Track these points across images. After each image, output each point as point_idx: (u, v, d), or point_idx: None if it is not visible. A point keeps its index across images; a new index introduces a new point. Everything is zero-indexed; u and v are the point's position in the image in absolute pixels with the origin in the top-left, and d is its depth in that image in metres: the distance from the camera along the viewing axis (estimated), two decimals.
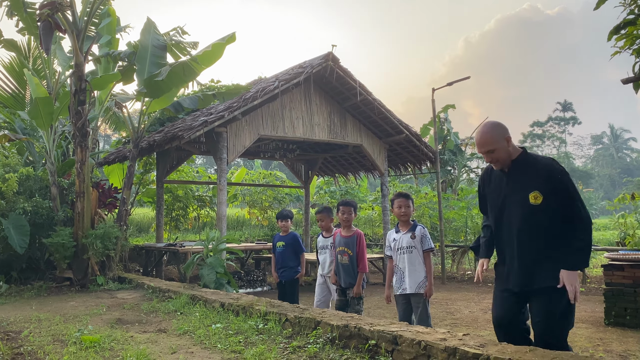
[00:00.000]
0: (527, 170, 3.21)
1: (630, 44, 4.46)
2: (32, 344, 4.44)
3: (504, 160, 3.24)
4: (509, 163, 3.26)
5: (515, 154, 3.25)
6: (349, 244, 5.25)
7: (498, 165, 3.30)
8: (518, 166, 3.24)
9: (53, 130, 9.62)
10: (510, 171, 3.27)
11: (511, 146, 3.25)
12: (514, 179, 3.25)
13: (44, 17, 8.20)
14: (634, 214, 8.97)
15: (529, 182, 3.17)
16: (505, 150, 3.21)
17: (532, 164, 3.22)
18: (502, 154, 3.22)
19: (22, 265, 9.06)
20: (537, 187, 3.13)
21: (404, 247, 4.68)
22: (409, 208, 4.70)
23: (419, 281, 4.60)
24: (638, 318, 6.01)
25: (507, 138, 3.22)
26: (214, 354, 4.01)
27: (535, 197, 3.12)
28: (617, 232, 12.50)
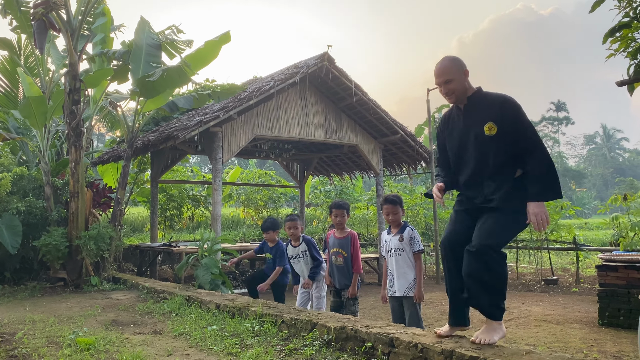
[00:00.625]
0: (481, 104, 3.26)
1: (625, 46, 4.49)
2: (27, 346, 4.41)
3: (459, 92, 3.28)
4: (464, 99, 3.30)
5: (470, 91, 3.30)
6: (343, 245, 5.23)
7: (453, 98, 3.32)
8: (473, 102, 3.29)
9: (47, 129, 9.56)
10: (466, 107, 3.32)
11: (468, 82, 3.30)
12: (469, 115, 3.30)
13: (38, 16, 8.14)
14: (627, 214, 9.01)
15: (483, 115, 3.21)
16: (462, 83, 3.26)
17: (486, 98, 3.27)
18: (458, 86, 3.26)
19: (16, 265, 9.00)
20: (491, 118, 3.17)
21: (393, 250, 4.67)
22: (397, 215, 4.66)
23: (408, 284, 4.58)
24: (631, 319, 6.04)
25: (465, 72, 3.29)
26: (210, 357, 4.00)
27: (490, 128, 3.16)
28: (610, 232, 12.57)
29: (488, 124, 3.16)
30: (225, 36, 9.15)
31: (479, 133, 3.20)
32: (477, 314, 7.19)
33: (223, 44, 9.18)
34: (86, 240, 8.38)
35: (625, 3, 4.48)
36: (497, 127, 3.14)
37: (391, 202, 4.65)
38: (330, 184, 16.46)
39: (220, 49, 9.25)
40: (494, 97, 3.25)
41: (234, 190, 18.30)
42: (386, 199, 4.72)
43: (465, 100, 3.30)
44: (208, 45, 9.04)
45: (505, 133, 3.13)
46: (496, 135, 3.14)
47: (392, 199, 4.67)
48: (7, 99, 10.47)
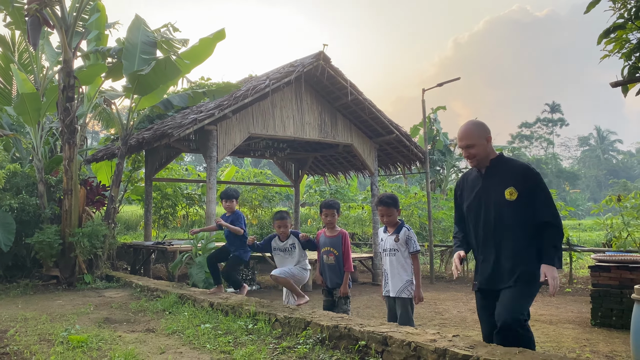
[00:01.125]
0: (503, 170, 3.34)
1: (619, 47, 4.51)
2: (19, 344, 4.38)
3: (481, 157, 3.37)
4: (486, 163, 3.39)
5: (492, 155, 3.39)
6: (334, 243, 5.16)
7: (474, 162, 3.41)
8: (494, 166, 3.38)
9: (40, 126, 9.50)
10: (487, 171, 3.40)
11: (490, 147, 3.39)
12: (490, 178, 3.37)
13: (32, 12, 8.09)
14: (620, 216, 9.06)
15: (505, 180, 3.29)
16: (484, 149, 3.35)
17: (508, 164, 3.37)
18: (480, 151, 3.35)
19: (8, 263, 8.95)
20: (513, 184, 3.24)
21: (388, 249, 4.64)
22: (391, 216, 4.61)
23: (401, 285, 4.54)
24: (624, 319, 6.07)
25: (488, 138, 3.37)
26: (203, 355, 3.99)
27: (511, 193, 3.24)
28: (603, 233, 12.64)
29: (509, 188, 3.25)
30: (219, 33, 9.13)
31: (499, 196, 3.28)
32: (471, 314, 7.19)
33: (217, 42, 9.16)
34: (79, 237, 8.34)
35: (620, 4, 4.50)
36: (518, 193, 3.22)
37: (385, 204, 4.61)
38: (325, 183, 16.46)
39: (215, 47, 9.23)
40: (516, 164, 3.36)
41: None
42: (380, 200, 4.67)
43: (487, 163, 3.38)
44: (202, 42, 9.02)
45: (525, 199, 3.22)
46: (516, 201, 3.23)
47: (386, 201, 4.61)
48: (0, 96, 10.40)
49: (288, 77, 9.59)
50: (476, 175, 3.47)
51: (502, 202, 3.26)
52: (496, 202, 3.29)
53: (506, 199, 3.24)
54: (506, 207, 3.25)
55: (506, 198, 3.24)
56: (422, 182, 21.42)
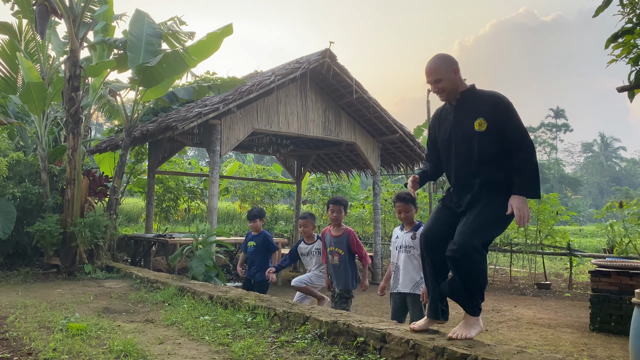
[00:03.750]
0: (473, 101, 3.28)
1: (627, 52, 4.50)
2: (18, 330, 4.40)
3: (450, 90, 3.30)
4: (456, 95, 3.32)
5: (462, 88, 3.32)
6: (339, 243, 5.14)
7: (444, 96, 3.36)
8: (465, 98, 3.31)
9: (45, 115, 9.52)
10: (457, 103, 3.34)
11: (459, 80, 3.31)
12: (461, 110, 3.32)
13: (40, 1, 8.11)
14: (622, 222, 9.05)
15: (474, 111, 3.23)
16: (452, 81, 3.28)
17: (478, 95, 3.29)
18: (448, 84, 3.28)
19: (9, 250, 8.98)
20: (481, 114, 3.19)
21: (403, 246, 4.63)
22: (409, 213, 4.61)
23: (415, 281, 4.54)
24: (623, 324, 6.07)
25: (455, 70, 3.29)
26: (202, 346, 4.00)
27: (480, 124, 3.18)
28: (604, 239, 12.62)
29: (478, 119, 3.18)
30: (227, 28, 9.13)
31: (468, 128, 3.23)
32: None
33: (225, 36, 9.16)
34: (81, 227, 8.36)
35: (629, 9, 4.49)
36: (487, 123, 3.16)
37: (403, 200, 4.60)
38: (327, 181, 16.47)
39: (222, 41, 9.23)
40: (486, 94, 3.28)
41: (231, 184, 18.28)
42: (398, 196, 4.67)
43: (458, 96, 3.32)
44: (210, 37, 9.02)
45: (494, 129, 3.16)
46: (486, 131, 3.17)
47: (405, 197, 4.60)
48: (6, 84, 10.42)
49: (293, 74, 9.59)
50: (448, 109, 3.41)
51: (472, 134, 3.19)
52: (466, 134, 3.23)
53: (475, 130, 3.18)
54: (476, 138, 3.18)
55: (475, 129, 3.18)
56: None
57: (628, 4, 4.42)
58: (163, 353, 3.79)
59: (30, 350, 3.78)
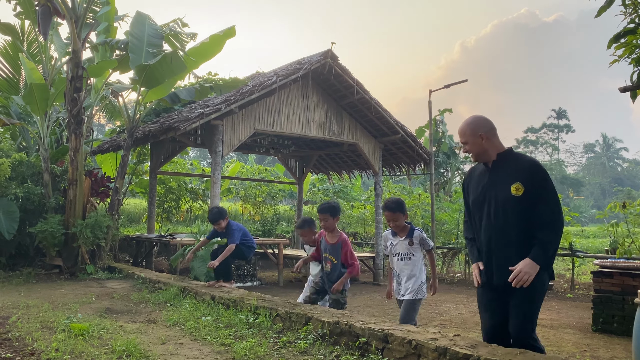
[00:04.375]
0: (510, 165, 3.28)
1: (629, 52, 4.48)
2: (20, 330, 4.41)
3: (477, 153, 3.34)
4: (490, 157, 3.33)
5: (499, 149, 3.33)
6: (333, 251, 5.02)
7: (472, 158, 3.41)
8: (501, 161, 3.31)
9: (47, 116, 9.54)
10: (493, 166, 3.34)
11: (491, 143, 3.31)
12: (497, 173, 3.31)
13: (42, 2, 8.13)
14: (625, 222, 9.02)
15: (511, 175, 3.23)
16: (478, 146, 3.32)
17: (515, 159, 3.30)
18: (473, 148, 3.33)
19: (11, 251, 9.00)
20: (519, 179, 3.18)
21: (401, 254, 4.56)
22: (398, 221, 4.51)
23: (417, 286, 4.50)
24: (625, 325, 6.05)
25: (482, 135, 3.30)
26: (204, 346, 4.00)
27: (517, 189, 3.17)
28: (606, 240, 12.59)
29: (516, 184, 3.17)
30: (229, 31, 9.14)
31: (505, 191, 3.21)
32: (471, 316, 7.17)
33: (227, 39, 9.18)
34: (83, 228, 8.38)
35: (631, 9, 4.48)
36: (524, 189, 3.15)
37: (390, 209, 4.51)
38: (329, 182, 16.47)
39: (225, 43, 9.25)
40: (525, 159, 3.29)
41: (233, 184, 18.29)
42: (385, 205, 4.58)
43: (494, 157, 3.32)
44: (212, 39, 9.04)
45: (531, 196, 3.14)
46: (522, 197, 3.16)
47: (391, 206, 4.51)
48: (8, 85, 10.44)
49: (295, 74, 9.59)
50: (483, 169, 3.42)
51: (508, 198, 3.19)
52: (502, 198, 3.22)
53: (512, 195, 3.18)
54: (512, 202, 3.18)
55: (512, 193, 3.18)
56: (426, 184, 21.39)
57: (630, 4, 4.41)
58: (165, 353, 3.80)
59: (32, 351, 3.79)
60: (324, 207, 5.07)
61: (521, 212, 3.17)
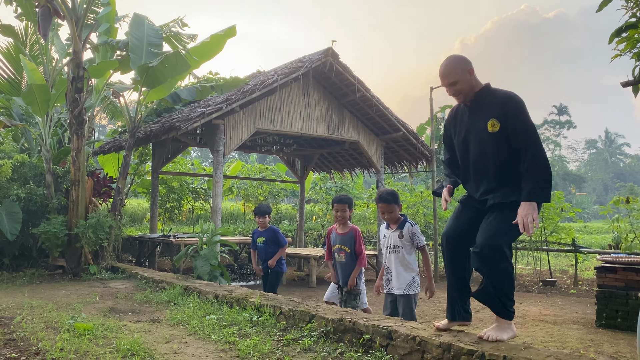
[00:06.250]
0: (487, 101, 3.24)
1: (631, 47, 4.47)
2: (25, 330, 4.42)
3: (466, 92, 3.27)
4: (471, 96, 3.28)
5: (477, 88, 3.28)
6: (346, 241, 5.06)
7: (461, 98, 3.32)
8: (479, 98, 3.27)
9: (49, 117, 9.56)
10: (472, 105, 3.30)
11: (474, 79, 3.27)
12: (475, 111, 3.28)
13: (42, 3, 8.13)
14: (628, 218, 9.01)
15: (487, 112, 3.20)
16: (468, 83, 3.24)
17: (492, 94, 3.24)
18: (464, 86, 3.24)
19: (15, 252, 9.01)
20: (494, 115, 3.15)
21: (392, 246, 4.53)
22: (392, 213, 4.50)
23: (407, 282, 4.47)
24: (629, 320, 6.05)
25: (470, 70, 3.25)
26: (208, 345, 4.01)
27: (493, 125, 3.14)
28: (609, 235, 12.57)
29: (491, 120, 3.15)
30: (230, 30, 9.13)
31: (482, 129, 3.19)
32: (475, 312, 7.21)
33: (228, 38, 9.16)
34: (85, 228, 8.39)
35: (632, 3, 4.47)
36: (500, 124, 3.12)
37: (384, 200, 4.49)
38: (331, 180, 16.46)
39: (225, 43, 9.23)
40: (499, 94, 3.22)
41: (235, 184, 18.30)
42: (380, 197, 4.55)
43: (473, 97, 3.27)
44: (213, 38, 9.03)
45: (507, 130, 3.11)
46: (499, 132, 3.12)
47: (386, 197, 4.50)
48: (10, 86, 10.47)
49: (296, 73, 9.59)
50: (463, 109, 3.38)
51: (485, 135, 3.17)
52: (480, 136, 3.20)
53: (489, 132, 3.15)
54: (489, 139, 3.15)
55: (489, 130, 3.15)
56: (428, 181, 21.37)
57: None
58: (170, 352, 3.80)
59: (37, 350, 3.79)
60: (343, 198, 5.13)
61: (499, 148, 3.13)
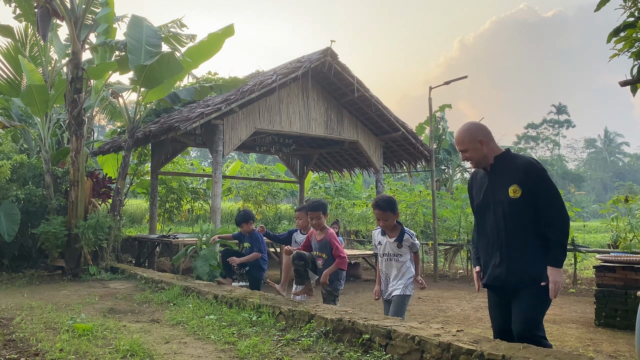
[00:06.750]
0: (507, 167, 3.27)
1: (629, 46, 4.48)
2: (24, 331, 4.42)
3: (476, 160, 3.35)
4: (489, 162, 3.33)
5: (494, 154, 3.33)
6: (323, 247, 5.01)
7: (473, 164, 3.41)
8: (498, 164, 3.31)
9: (48, 118, 9.56)
10: (492, 169, 3.35)
11: (489, 147, 3.32)
12: (495, 177, 3.32)
13: (41, 3, 8.14)
14: (627, 217, 9.01)
15: (508, 178, 3.23)
16: (478, 152, 3.31)
17: (511, 160, 3.29)
18: (473, 155, 3.33)
19: (14, 253, 9.01)
20: (516, 181, 3.18)
21: (390, 255, 4.46)
22: (388, 220, 4.38)
23: (404, 284, 4.43)
24: (628, 319, 6.05)
25: (482, 140, 3.30)
26: (208, 345, 4.01)
27: (515, 191, 3.17)
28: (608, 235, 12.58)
29: (513, 186, 3.18)
30: (228, 29, 9.14)
31: (504, 195, 3.22)
32: (474, 312, 7.19)
33: (226, 37, 9.17)
34: (85, 229, 8.39)
35: (630, 3, 4.48)
36: (522, 190, 3.15)
37: (380, 207, 4.36)
38: (330, 180, 16.47)
39: (224, 42, 9.25)
40: (520, 160, 3.27)
41: (234, 184, 18.30)
42: (376, 203, 4.43)
43: (492, 161, 3.33)
44: (211, 37, 9.04)
45: (529, 197, 3.14)
46: (520, 199, 3.16)
47: (381, 205, 4.37)
48: (10, 87, 10.47)
49: (295, 73, 9.60)
50: (483, 173, 3.43)
51: (507, 201, 3.20)
52: (501, 201, 3.23)
53: (510, 197, 3.18)
54: (511, 205, 3.18)
55: (510, 196, 3.18)
56: (427, 181, 21.38)
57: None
58: (169, 352, 3.80)
59: (37, 351, 3.80)
60: (316, 205, 5.00)
61: (522, 214, 3.17)
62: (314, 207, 5.01)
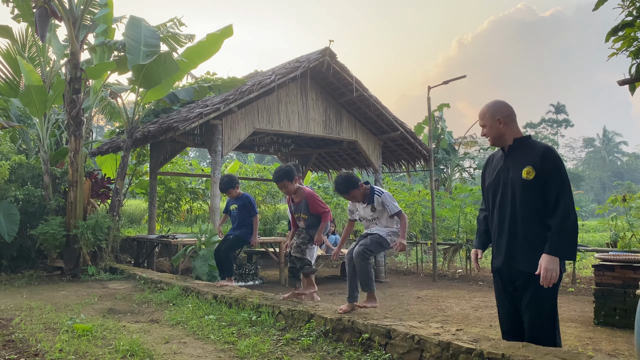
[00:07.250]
0: (524, 151, 3.30)
1: (627, 45, 4.49)
2: (24, 332, 4.42)
3: (493, 137, 3.37)
4: (505, 142, 3.35)
5: (514, 136, 3.34)
6: (301, 208, 5.17)
7: (490, 141, 3.44)
8: (518, 146, 3.34)
9: (47, 118, 9.55)
10: (509, 150, 3.37)
11: (508, 128, 3.33)
12: (511, 158, 3.34)
13: (40, 4, 8.13)
14: (625, 216, 9.03)
15: (524, 160, 3.24)
16: (495, 130, 3.34)
17: (531, 145, 3.31)
18: (490, 132, 3.36)
19: (13, 253, 9.00)
20: (531, 163, 3.19)
21: (368, 219, 4.55)
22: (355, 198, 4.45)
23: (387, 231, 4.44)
24: (627, 318, 6.07)
25: (500, 119, 3.32)
26: (207, 345, 4.01)
27: (528, 172, 3.18)
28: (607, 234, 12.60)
29: (527, 167, 3.19)
30: (227, 29, 9.14)
31: (517, 175, 3.24)
32: (473, 311, 7.20)
33: (225, 38, 9.18)
34: (84, 229, 8.38)
35: (628, 2, 4.49)
36: (536, 172, 3.16)
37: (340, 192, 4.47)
38: (329, 180, 16.46)
39: (223, 42, 9.25)
40: (539, 145, 3.29)
41: None
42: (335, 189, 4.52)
43: (511, 142, 3.35)
44: (210, 38, 9.03)
45: (541, 181, 3.15)
46: (533, 181, 3.16)
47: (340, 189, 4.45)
48: (8, 87, 10.45)
49: (293, 73, 9.59)
50: (500, 155, 3.46)
51: (519, 181, 3.21)
52: (513, 181, 3.24)
53: (523, 178, 3.19)
54: (522, 186, 3.19)
55: (523, 177, 3.19)
56: (426, 181, 21.40)
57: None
58: (169, 352, 3.81)
59: (36, 352, 3.80)
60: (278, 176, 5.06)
61: (531, 197, 3.17)
62: (276, 179, 5.09)
